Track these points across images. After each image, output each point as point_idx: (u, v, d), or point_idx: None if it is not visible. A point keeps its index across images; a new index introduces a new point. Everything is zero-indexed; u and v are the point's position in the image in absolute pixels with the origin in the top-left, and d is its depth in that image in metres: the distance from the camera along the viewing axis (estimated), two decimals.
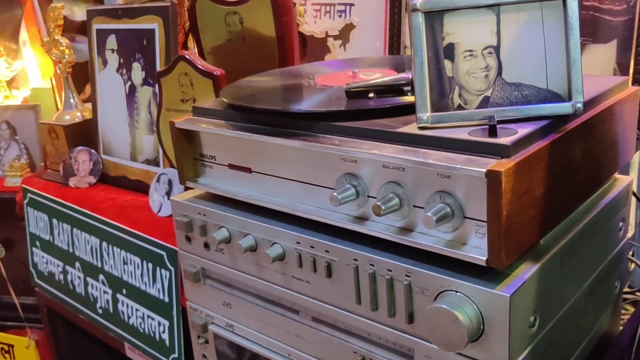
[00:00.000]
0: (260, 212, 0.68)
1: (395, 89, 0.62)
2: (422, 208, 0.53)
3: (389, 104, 0.60)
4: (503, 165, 0.47)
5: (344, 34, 1.15)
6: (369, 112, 0.59)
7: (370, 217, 0.58)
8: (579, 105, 0.52)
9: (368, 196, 0.57)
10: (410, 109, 0.57)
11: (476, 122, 0.53)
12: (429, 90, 0.54)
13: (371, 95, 0.63)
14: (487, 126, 0.52)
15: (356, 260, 0.58)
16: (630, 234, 0.90)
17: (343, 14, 1.18)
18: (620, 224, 0.70)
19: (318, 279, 0.62)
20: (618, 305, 0.76)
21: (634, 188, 0.82)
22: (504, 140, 0.49)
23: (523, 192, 0.49)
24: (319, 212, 0.61)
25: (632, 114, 0.67)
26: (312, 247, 0.62)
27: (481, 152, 0.49)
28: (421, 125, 0.54)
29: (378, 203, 0.53)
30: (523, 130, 0.51)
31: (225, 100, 0.69)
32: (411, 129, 0.54)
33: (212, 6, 0.98)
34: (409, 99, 0.61)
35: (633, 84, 0.86)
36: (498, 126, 0.51)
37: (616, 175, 0.70)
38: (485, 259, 0.49)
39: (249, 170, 0.68)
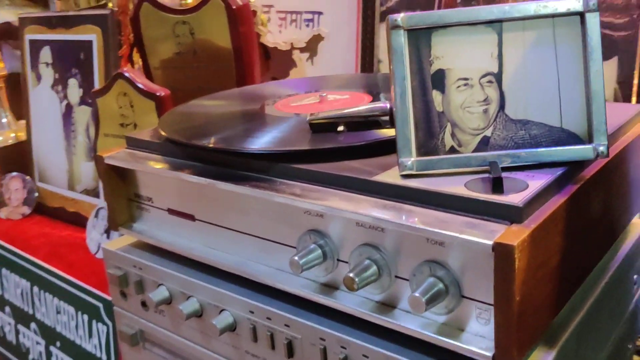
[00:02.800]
0: (206, 269, 0.55)
1: (370, 122, 0.51)
2: (407, 280, 0.42)
3: (364, 141, 0.48)
4: (515, 235, 0.35)
5: (312, 46, 1.03)
6: (338, 151, 0.47)
7: (341, 285, 0.46)
8: (602, 148, 0.41)
9: (338, 260, 0.45)
10: (390, 147, 0.46)
11: (474, 169, 0.42)
12: (414, 129, 0.42)
13: (341, 128, 0.51)
14: (487, 175, 0.41)
15: (323, 340, 0.46)
16: None
17: (311, 24, 1.07)
18: (635, 277, 0.59)
19: (277, 358, 0.50)
20: None
21: None
22: (514, 198, 0.37)
23: (538, 266, 0.37)
24: (276, 276, 0.49)
25: None
26: (268, 318, 0.49)
27: (484, 213, 0.38)
28: (404, 172, 0.42)
29: (351, 275, 0.41)
30: (535, 182, 0.39)
31: (162, 133, 0.57)
32: (392, 177, 0.43)
33: (158, 15, 0.86)
34: (387, 133, 0.49)
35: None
36: (502, 176, 0.40)
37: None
38: (491, 355, 0.37)
39: (191, 217, 0.56)
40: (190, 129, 0.58)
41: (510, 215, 0.37)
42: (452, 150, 0.42)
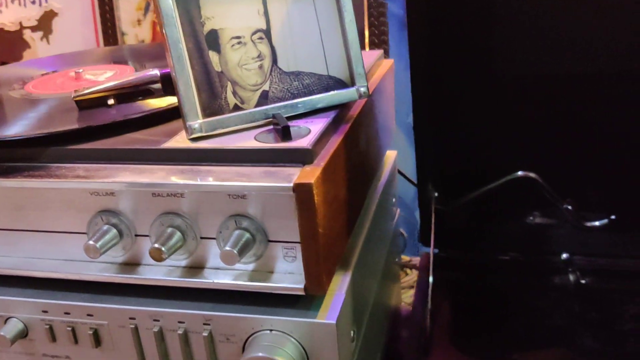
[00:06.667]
0: None
1: (141, 91, 0.49)
2: (214, 239, 0.42)
3: (141, 112, 0.47)
4: (310, 174, 0.38)
5: (44, 24, 0.94)
6: (117, 125, 0.45)
7: (143, 259, 0.45)
8: (364, 89, 0.47)
9: (136, 235, 0.44)
10: (171, 115, 0.45)
11: (259, 123, 0.44)
12: (197, 91, 0.42)
13: (111, 102, 0.49)
14: (273, 126, 0.43)
15: (133, 318, 0.45)
16: None
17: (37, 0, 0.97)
18: (393, 199, 0.69)
19: (82, 352, 0.47)
20: (399, 278, 0.76)
21: None
22: (302, 142, 0.41)
23: (332, 199, 0.41)
24: (69, 268, 0.46)
25: (391, 88, 0.65)
26: (67, 313, 0.46)
27: (278, 161, 0.40)
28: (193, 135, 0.43)
29: (156, 245, 0.40)
30: (315, 127, 0.43)
31: None
32: (182, 142, 0.43)
33: None
34: (164, 101, 0.49)
35: None
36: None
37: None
38: (302, 286, 0.41)
39: None
40: None
41: (302, 157, 0.40)
42: (236, 107, 0.44)
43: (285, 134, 0.41)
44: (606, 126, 0.68)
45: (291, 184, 0.38)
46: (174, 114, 0.46)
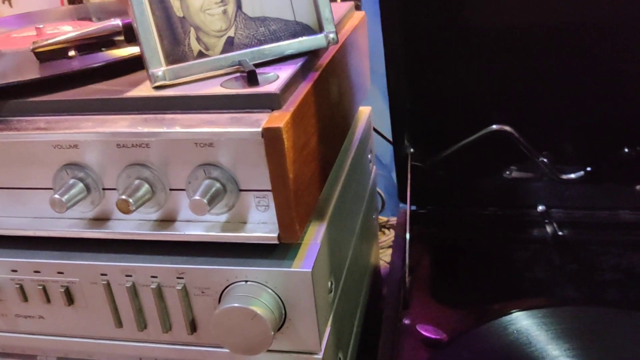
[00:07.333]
0: None
1: (103, 42, 0.48)
2: (183, 190, 0.41)
3: (103, 61, 0.45)
4: (279, 119, 0.37)
5: None
6: (78, 75, 0.44)
7: (113, 214, 0.44)
8: (332, 35, 0.46)
9: (104, 189, 0.43)
10: (136, 65, 0.44)
11: (225, 70, 0.43)
12: (159, 38, 0.41)
13: (72, 53, 0.47)
14: (239, 74, 0.42)
15: (105, 275, 0.44)
16: None
17: None
18: (369, 156, 0.68)
19: (55, 310, 0.46)
20: (377, 236, 0.76)
21: None
22: (269, 87, 0.39)
23: (302, 146, 0.40)
24: (37, 225, 0.45)
25: (364, 41, 0.64)
26: (36, 272, 0.45)
27: (246, 107, 0.39)
28: (157, 83, 0.41)
29: (123, 197, 0.39)
30: (283, 73, 0.42)
31: None
32: (145, 90, 0.41)
33: None
34: (126, 52, 0.47)
35: None
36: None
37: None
38: (276, 235, 0.40)
39: None
40: None
41: (270, 103, 0.39)
42: (201, 54, 0.42)
43: (251, 78, 0.40)
44: (581, 78, 0.68)
45: (260, 129, 0.37)
46: (138, 64, 0.44)
